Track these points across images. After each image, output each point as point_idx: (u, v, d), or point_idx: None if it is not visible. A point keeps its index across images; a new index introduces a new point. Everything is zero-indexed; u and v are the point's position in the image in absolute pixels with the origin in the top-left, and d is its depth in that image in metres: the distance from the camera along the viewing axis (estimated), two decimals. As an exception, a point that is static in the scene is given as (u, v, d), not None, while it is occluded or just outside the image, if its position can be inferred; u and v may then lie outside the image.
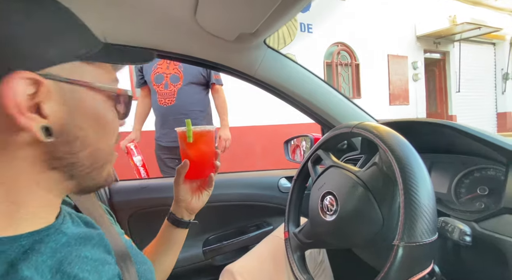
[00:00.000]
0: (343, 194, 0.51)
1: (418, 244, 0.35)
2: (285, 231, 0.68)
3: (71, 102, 0.30)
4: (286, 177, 1.00)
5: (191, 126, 0.52)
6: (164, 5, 0.60)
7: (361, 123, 0.53)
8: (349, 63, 5.25)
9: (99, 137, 0.33)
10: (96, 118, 0.32)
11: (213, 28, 0.67)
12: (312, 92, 0.84)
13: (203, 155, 0.55)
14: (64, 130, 0.29)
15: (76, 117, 0.30)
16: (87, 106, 0.31)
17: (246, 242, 0.91)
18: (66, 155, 0.30)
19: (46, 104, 0.28)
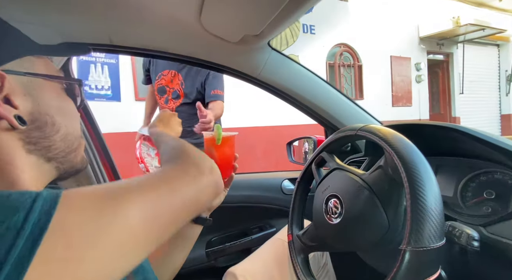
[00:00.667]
0: (348, 197, 0.51)
1: (425, 249, 0.34)
2: (289, 233, 0.68)
3: (34, 92, 0.34)
4: (289, 179, 1.00)
5: (221, 130, 0.59)
6: (169, 8, 0.60)
7: (366, 125, 0.53)
8: (351, 64, 5.24)
9: (66, 121, 0.37)
10: (58, 104, 0.36)
11: (218, 30, 0.67)
12: (316, 94, 0.84)
13: (228, 157, 0.61)
14: (34, 117, 0.33)
15: (41, 105, 0.34)
16: (48, 94, 0.35)
17: (248, 244, 0.90)
18: (40, 139, 0.34)
19: (12, 96, 0.32)
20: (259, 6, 0.54)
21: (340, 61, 5.13)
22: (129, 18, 0.63)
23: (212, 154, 0.60)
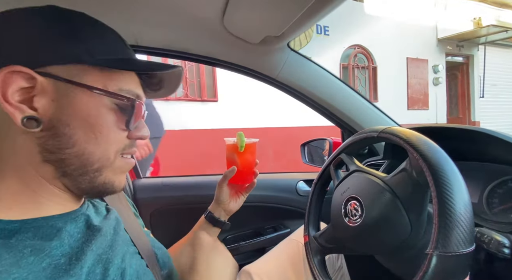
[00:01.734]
0: (368, 200, 0.50)
1: (454, 254, 0.33)
2: (305, 234, 0.68)
3: (63, 99, 0.32)
4: (304, 180, 1.00)
5: (244, 138, 0.60)
6: (194, 9, 0.62)
7: (389, 127, 0.52)
8: (366, 66, 5.16)
9: (89, 139, 0.33)
10: (87, 119, 0.33)
11: (239, 31, 0.68)
12: (334, 95, 0.83)
13: (249, 163, 0.63)
14: (52, 124, 0.31)
15: (64, 114, 0.32)
16: (79, 106, 0.32)
17: (263, 244, 0.91)
18: (55, 149, 0.32)
19: (38, 98, 0.31)
20: (282, 7, 0.54)
21: (354, 62, 5.06)
22: (156, 20, 0.65)
23: (234, 161, 0.61)
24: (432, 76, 5.81)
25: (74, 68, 0.32)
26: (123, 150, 0.37)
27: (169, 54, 0.74)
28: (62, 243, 0.31)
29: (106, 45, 0.35)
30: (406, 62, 5.53)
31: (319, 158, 1.26)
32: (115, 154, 0.36)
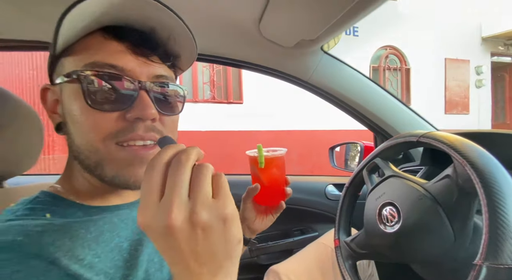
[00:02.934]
0: (406, 206, 0.49)
1: (506, 266, 0.31)
2: (336, 238, 0.67)
3: (62, 99, 0.33)
4: (334, 184, 0.98)
5: (263, 152, 0.48)
6: (231, 16, 0.65)
7: (430, 132, 0.50)
8: (398, 67, 4.91)
9: (75, 131, 0.32)
10: (68, 111, 0.32)
11: (274, 35, 0.70)
12: (368, 98, 0.82)
13: (275, 181, 0.51)
14: (63, 126, 0.34)
15: (64, 112, 0.33)
16: (64, 101, 0.32)
17: (290, 245, 0.91)
18: (70, 148, 0.34)
19: (57, 106, 0.34)
20: (320, 12, 0.55)
21: (385, 64, 4.84)
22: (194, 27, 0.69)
23: (257, 177, 0.51)
24: (474, 78, 5.34)
25: (58, 68, 0.33)
26: (117, 138, 0.31)
27: (206, 59, 0.78)
28: (127, 227, 0.35)
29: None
30: (444, 63, 5.16)
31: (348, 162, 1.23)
32: (103, 143, 0.31)
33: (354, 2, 0.48)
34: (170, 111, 0.37)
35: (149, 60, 0.34)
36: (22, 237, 0.25)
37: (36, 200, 0.32)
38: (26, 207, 0.31)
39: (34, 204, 0.31)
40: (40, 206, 0.31)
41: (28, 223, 0.28)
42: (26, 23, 0.63)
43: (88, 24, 0.31)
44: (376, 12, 0.56)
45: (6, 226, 0.27)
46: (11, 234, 0.26)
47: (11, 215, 0.29)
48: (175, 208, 0.22)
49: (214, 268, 0.24)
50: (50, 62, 0.34)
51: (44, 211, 0.31)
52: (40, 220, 0.29)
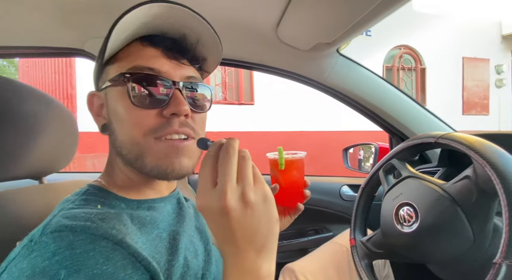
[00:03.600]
0: (424, 206, 0.49)
1: (526, 266, 0.32)
2: (351, 238, 0.68)
3: (107, 102, 0.38)
4: (349, 185, 0.99)
5: (283, 154, 0.50)
6: (250, 22, 0.68)
7: (449, 133, 0.51)
8: (413, 67, 4.79)
9: (119, 129, 0.36)
10: (113, 112, 0.36)
11: (291, 39, 0.72)
12: (383, 99, 0.82)
13: (294, 182, 0.52)
14: (108, 125, 0.38)
15: (109, 113, 0.38)
16: (109, 103, 0.37)
17: (305, 245, 0.92)
18: (113, 145, 0.38)
19: (104, 108, 0.39)
20: (337, 16, 0.57)
21: (399, 64, 4.74)
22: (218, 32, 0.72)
23: (276, 178, 0.52)
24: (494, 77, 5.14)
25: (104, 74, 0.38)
26: (156, 133, 0.35)
27: (226, 63, 0.81)
28: (164, 219, 0.39)
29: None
30: (462, 62, 4.99)
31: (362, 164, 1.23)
32: (144, 137, 0.35)
33: (373, 5, 0.50)
34: (200, 108, 0.40)
35: (180, 63, 0.38)
36: (89, 223, 0.29)
37: (87, 192, 0.36)
38: (81, 198, 0.35)
39: (87, 195, 0.35)
40: (92, 198, 0.35)
41: (88, 211, 0.31)
42: (60, 32, 0.68)
43: (129, 35, 0.35)
44: (391, 12, 0.56)
45: (73, 213, 0.31)
46: (79, 219, 0.29)
47: (71, 204, 0.33)
48: (229, 191, 0.27)
49: (259, 246, 0.29)
50: (97, 71, 0.39)
51: (95, 202, 0.34)
52: (95, 209, 0.33)
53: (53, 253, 0.26)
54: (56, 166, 0.54)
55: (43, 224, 0.30)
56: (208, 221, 0.29)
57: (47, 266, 0.25)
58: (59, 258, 0.25)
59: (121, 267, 0.28)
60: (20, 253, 0.27)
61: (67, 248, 0.26)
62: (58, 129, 0.52)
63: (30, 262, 0.25)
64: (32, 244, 0.27)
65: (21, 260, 0.26)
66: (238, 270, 0.28)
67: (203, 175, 0.29)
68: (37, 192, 0.48)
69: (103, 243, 0.28)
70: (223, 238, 0.29)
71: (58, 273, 0.25)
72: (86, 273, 0.25)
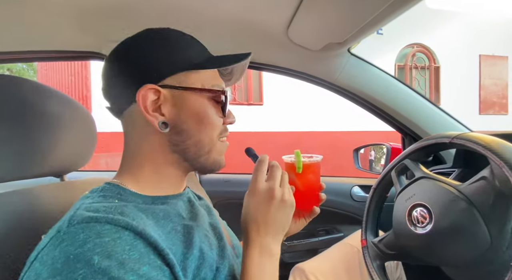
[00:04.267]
0: (439, 208, 0.49)
1: (547, 269, 0.31)
2: (363, 239, 0.68)
3: (179, 103, 0.40)
4: (359, 185, 0.98)
5: (301, 157, 0.51)
6: (261, 23, 0.68)
7: (464, 133, 0.50)
8: (426, 66, 4.67)
9: (200, 129, 0.41)
10: (196, 114, 0.41)
11: (302, 39, 0.72)
12: (396, 99, 0.81)
13: (311, 186, 0.53)
14: (175, 124, 0.40)
15: (182, 114, 0.40)
16: (190, 105, 0.40)
17: (315, 245, 0.92)
18: (179, 142, 0.41)
19: (163, 106, 0.39)
20: (349, 16, 0.57)
21: (412, 62, 4.63)
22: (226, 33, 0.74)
23: (292, 182, 0.52)
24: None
25: (180, 75, 0.40)
26: (221, 135, 0.44)
27: (236, 63, 0.82)
28: (177, 213, 0.40)
29: (194, 50, 0.42)
30: (479, 60, 4.82)
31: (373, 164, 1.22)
32: (217, 138, 0.43)
33: (386, 4, 0.49)
34: None
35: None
36: (111, 215, 0.31)
37: (104, 189, 0.38)
38: (100, 194, 0.36)
39: (104, 192, 0.37)
40: (109, 194, 0.37)
41: (107, 205, 0.33)
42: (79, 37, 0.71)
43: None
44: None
45: (95, 206, 0.32)
46: (101, 212, 0.31)
47: (89, 200, 0.35)
48: (276, 188, 0.42)
49: (275, 232, 0.42)
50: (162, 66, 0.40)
51: (113, 198, 0.36)
52: (113, 203, 0.34)
53: (83, 241, 0.28)
54: (76, 164, 0.56)
55: (67, 217, 0.31)
56: (252, 203, 0.42)
57: (80, 253, 0.27)
58: (90, 245, 0.27)
59: (145, 253, 0.30)
60: (50, 243, 0.29)
61: (96, 236, 0.28)
62: (79, 129, 0.55)
63: (62, 250, 0.27)
64: (61, 235, 0.29)
65: (52, 249, 0.28)
66: (259, 248, 0.41)
67: (260, 171, 0.43)
68: (59, 189, 0.51)
69: (126, 233, 0.30)
70: (256, 219, 0.41)
71: (92, 258, 0.26)
72: (117, 258, 0.27)
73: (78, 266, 0.26)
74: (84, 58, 0.77)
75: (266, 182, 0.43)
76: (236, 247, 0.53)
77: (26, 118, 0.44)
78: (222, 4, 0.61)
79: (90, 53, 0.74)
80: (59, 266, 0.26)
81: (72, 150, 0.54)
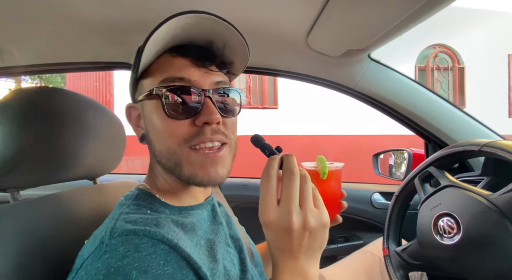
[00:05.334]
0: (467, 218, 0.47)
1: None
2: (384, 247, 0.66)
3: (144, 113, 0.40)
4: (380, 192, 0.96)
5: (326, 163, 0.49)
6: (281, 31, 0.70)
7: (494, 141, 0.48)
8: (449, 67, 4.47)
9: (156, 138, 0.38)
10: (149, 123, 0.39)
11: (321, 46, 0.72)
12: (419, 104, 0.79)
13: (333, 194, 0.51)
14: (146, 135, 0.41)
15: (146, 124, 0.40)
16: (147, 114, 0.39)
17: (334, 252, 0.91)
18: (152, 153, 0.40)
19: (141, 119, 0.41)
20: (370, 23, 0.57)
21: (434, 64, 4.45)
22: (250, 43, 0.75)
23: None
24: (547, 75, 4.60)
25: (140, 86, 0.40)
26: (190, 142, 0.36)
27: (255, 71, 0.84)
28: (202, 226, 0.40)
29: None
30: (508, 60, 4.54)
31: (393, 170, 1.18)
32: (179, 147, 0.36)
33: (409, 12, 0.49)
34: (231, 113, 0.41)
35: (209, 70, 0.39)
36: (148, 227, 0.32)
37: (138, 197, 0.39)
38: (134, 203, 0.38)
39: (137, 200, 0.38)
40: (142, 203, 0.38)
41: (143, 216, 0.34)
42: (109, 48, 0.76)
43: (160, 48, 0.38)
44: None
45: (133, 218, 0.34)
46: (139, 224, 0.32)
47: (126, 209, 0.36)
48: (294, 215, 0.33)
49: (309, 256, 0.35)
50: (132, 84, 0.42)
51: (145, 207, 0.37)
52: (148, 215, 0.35)
53: (123, 255, 0.29)
54: (108, 168, 0.60)
55: (108, 227, 0.32)
56: (269, 234, 0.34)
57: (120, 266, 0.28)
58: (129, 260, 0.28)
59: (178, 268, 0.30)
60: (94, 253, 0.30)
61: (135, 250, 0.29)
62: (110, 135, 0.59)
63: (104, 262, 0.29)
64: (103, 246, 0.30)
65: (96, 260, 0.29)
66: (290, 272, 0.34)
67: (268, 192, 0.34)
68: (93, 192, 0.54)
69: (161, 246, 0.31)
70: (280, 248, 0.34)
71: (131, 273, 0.28)
72: (153, 273, 0.28)
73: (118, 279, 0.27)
74: (113, 68, 0.82)
75: (277, 209, 0.33)
76: (255, 255, 0.52)
77: (66, 127, 0.48)
78: (242, 15, 0.64)
79: (119, 63, 0.79)
80: (101, 277, 0.28)
81: (105, 155, 0.58)
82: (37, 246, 0.38)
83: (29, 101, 0.43)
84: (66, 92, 0.52)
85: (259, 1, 0.57)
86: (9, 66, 0.77)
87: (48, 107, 0.46)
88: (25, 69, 0.80)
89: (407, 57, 4.42)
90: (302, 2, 0.55)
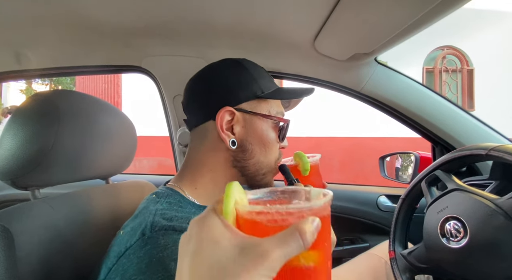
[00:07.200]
0: (474, 222, 0.47)
1: None
2: (391, 250, 0.66)
3: (248, 126, 0.46)
4: (386, 195, 0.96)
5: (306, 158, 0.51)
6: (288, 36, 0.71)
7: (502, 145, 0.48)
8: (458, 68, 4.41)
9: (261, 151, 0.46)
10: (261, 137, 0.46)
11: (328, 50, 0.73)
12: (426, 108, 0.79)
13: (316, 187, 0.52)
14: (242, 143, 0.46)
15: (249, 135, 0.46)
16: (257, 129, 0.46)
17: (339, 254, 0.91)
18: (241, 160, 0.46)
19: (235, 126, 0.45)
20: (377, 28, 0.57)
21: (442, 65, 4.40)
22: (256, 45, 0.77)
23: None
24: (560, 77, 4.48)
25: (253, 102, 0.46)
26: (278, 159, 0.49)
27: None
28: None
29: (266, 81, 0.48)
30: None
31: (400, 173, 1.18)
32: (275, 162, 0.48)
33: (417, 16, 0.50)
34: None
35: None
36: (184, 225, 0.34)
37: (169, 195, 0.42)
38: (166, 200, 0.40)
39: (169, 198, 0.41)
40: (173, 201, 0.41)
41: (177, 214, 0.37)
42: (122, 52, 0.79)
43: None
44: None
45: (169, 215, 0.36)
46: (175, 221, 0.35)
47: (159, 205, 0.39)
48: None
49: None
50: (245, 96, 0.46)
51: (176, 205, 0.40)
52: (180, 213, 0.38)
53: (164, 247, 0.31)
54: (120, 168, 0.62)
55: (148, 221, 0.35)
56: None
57: (161, 257, 0.30)
58: (169, 252, 0.31)
59: None
60: (136, 243, 0.33)
61: (173, 244, 0.32)
62: (122, 136, 0.61)
63: (146, 252, 0.31)
64: (145, 238, 0.33)
65: (138, 249, 0.32)
66: None
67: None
68: (106, 191, 0.57)
69: None
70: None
71: (170, 264, 0.30)
72: None
73: (159, 269, 0.29)
74: (125, 71, 0.84)
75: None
76: None
77: (83, 128, 0.50)
78: (252, 20, 0.65)
79: (131, 66, 0.81)
80: (143, 266, 0.30)
81: (117, 155, 0.60)
82: (55, 241, 0.40)
83: (50, 104, 0.45)
84: (82, 95, 0.54)
85: (267, 6, 0.59)
86: (25, 69, 0.80)
87: (67, 109, 0.48)
88: (41, 72, 0.83)
89: (415, 59, 4.38)
90: (310, 7, 0.56)
